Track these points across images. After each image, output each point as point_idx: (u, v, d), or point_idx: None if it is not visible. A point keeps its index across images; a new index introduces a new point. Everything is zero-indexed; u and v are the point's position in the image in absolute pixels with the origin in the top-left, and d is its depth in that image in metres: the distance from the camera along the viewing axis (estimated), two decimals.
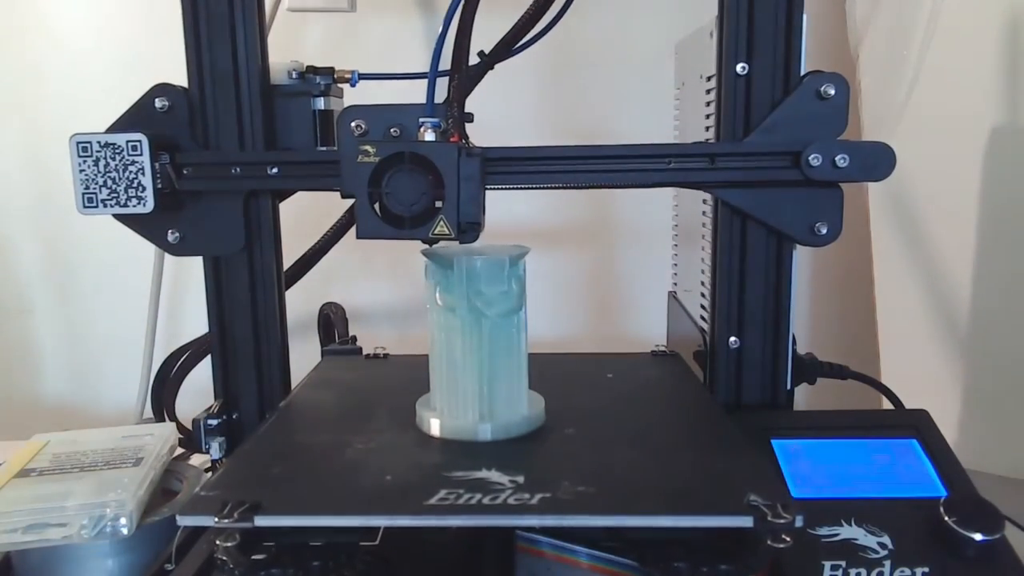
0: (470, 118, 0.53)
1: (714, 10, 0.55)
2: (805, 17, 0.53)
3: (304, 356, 0.66)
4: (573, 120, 0.97)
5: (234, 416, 0.59)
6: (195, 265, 0.59)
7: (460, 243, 0.50)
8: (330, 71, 0.58)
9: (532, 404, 0.51)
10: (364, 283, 1.00)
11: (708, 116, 0.59)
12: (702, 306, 0.62)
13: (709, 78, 0.58)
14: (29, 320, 1.01)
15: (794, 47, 0.53)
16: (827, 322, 0.97)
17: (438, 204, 0.49)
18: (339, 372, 0.64)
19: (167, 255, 0.92)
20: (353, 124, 0.52)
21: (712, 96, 0.57)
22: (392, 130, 0.53)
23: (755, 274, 0.56)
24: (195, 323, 0.74)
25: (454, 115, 0.51)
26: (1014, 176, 0.71)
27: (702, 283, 0.62)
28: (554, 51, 0.95)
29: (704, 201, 0.61)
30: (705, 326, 0.61)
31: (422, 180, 0.48)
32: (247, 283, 0.58)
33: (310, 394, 0.59)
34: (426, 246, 0.51)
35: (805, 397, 0.61)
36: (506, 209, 0.94)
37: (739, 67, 0.53)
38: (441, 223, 0.49)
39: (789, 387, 0.58)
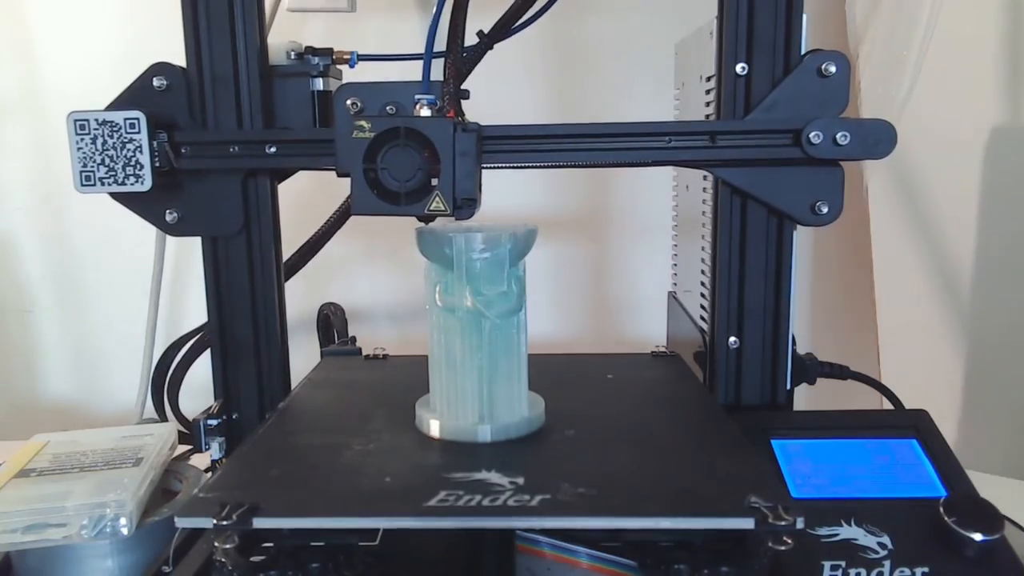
0: (466, 95, 0.53)
1: (714, 10, 0.55)
2: (805, 17, 0.53)
3: (304, 356, 0.66)
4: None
5: (234, 416, 0.59)
6: (196, 263, 0.58)
7: (456, 219, 0.49)
8: (328, 52, 0.58)
9: (532, 405, 0.51)
10: (364, 283, 1.00)
11: (708, 116, 0.59)
12: (702, 306, 0.62)
13: (709, 78, 0.58)
14: (29, 320, 1.01)
15: (794, 47, 0.53)
16: (827, 322, 0.97)
17: (434, 182, 0.48)
18: (339, 373, 0.64)
19: (167, 256, 0.92)
20: (349, 101, 0.52)
21: (712, 96, 0.57)
22: (388, 107, 0.53)
23: (755, 266, 0.56)
24: (196, 322, 0.74)
25: (450, 92, 0.50)
26: (1014, 176, 0.71)
27: (702, 283, 0.62)
28: (553, 52, 0.95)
29: (704, 201, 0.61)
30: (705, 326, 0.60)
31: (417, 156, 0.48)
32: (246, 265, 0.58)
33: (310, 395, 0.59)
34: (422, 225, 0.50)
35: (805, 397, 0.61)
36: (506, 210, 0.94)
37: (739, 67, 0.53)
38: (437, 199, 0.48)
39: (789, 387, 0.58)
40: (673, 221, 0.77)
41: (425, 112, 0.49)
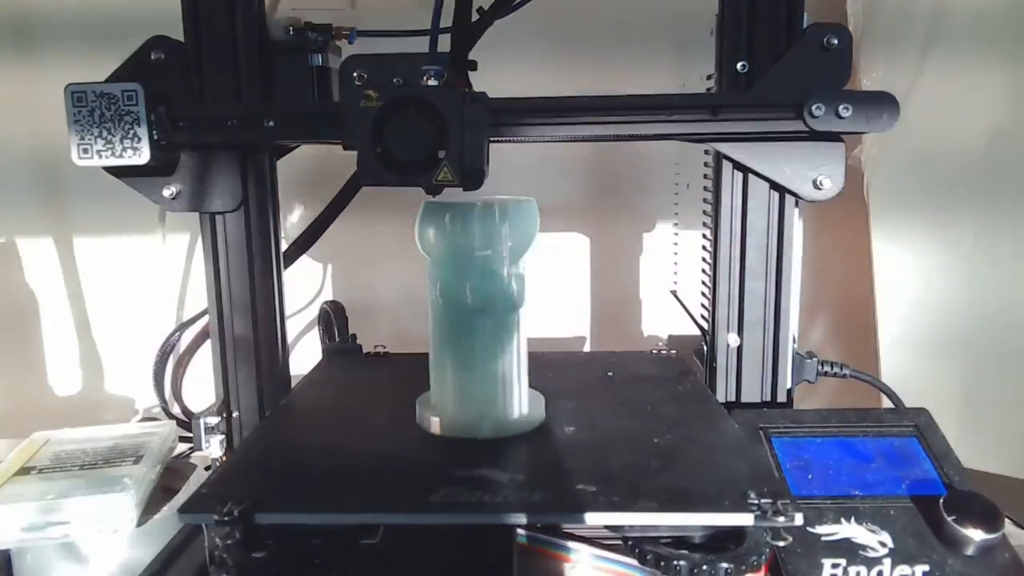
0: (473, 66, 0.53)
1: (714, 9, 0.55)
2: (805, 17, 0.53)
3: (304, 355, 0.66)
4: None
5: (234, 414, 0.59)
6: (198, 263, 0.58)
7: (464, 190, 0.49)
8: (327, 27, 0.58)
9: (532, 403, 0.51)
10: (365, 281, 1.00)
11: None
12: (703, 304, 0.62)
13: (709, 78, 0.58)
14: (31, 319, 1.01)
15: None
16: (827, 322, 0.97)
17: (441, 154, 0.48)
18: (339, 371, 0.64)
19: (168, 255, 0.92)
20: (355, 74, 0.52)
21: None
22: (395, 80, 0.52)
23: (756, 258, 0.56)
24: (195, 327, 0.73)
25: (458, 64, 0.50)
26: (1014, 176, 0.71)
27: (703, 282, 0.62)
28: (552, 52, 0.94)
29: (705, 200, 0.61)
30: (705, 324, 0.61)
31: (426, 126, 0.47)
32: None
33: (310, 393, 0.59)
34: (428, 199, 0.50)
35: (805, 397, 0.61)
36: None
37: (739, 66, 0.53)
38: (445, 170, 0.47)
39: (789, 386, 0.58)
40: (674, 220, 0.77)
41: (433, 83, 0.49)
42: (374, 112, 0.47)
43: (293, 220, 0.88)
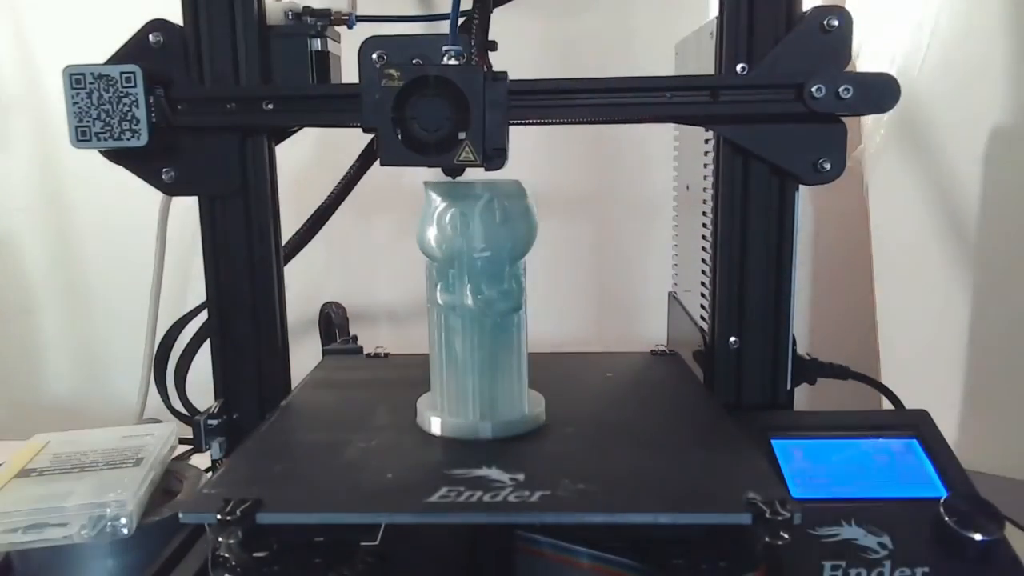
0: (494, 46, 0.53)
1: (714, 10, 0.55)
2: None
3: (305, 355, 0.66)
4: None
5: (234, 416, 0.59)
6: (198, 265, 0.58)
7: (485, 170, 0.49)
8: (327, 12, 0.58)
9: (532, 403, 0.51)
10: (364, 282, 1.00)
11: None
12: (702, 306, 0.62)
13: None
14: (31, 319, 1.01)
15: None
16: (827, 322, 0.97)
17: (461, 135, 0.48)
18: (340, 372, 0.64)
19: (169, 256, 0.92)
20: (375, 54, 0.51)
21: None
22: (414, 61, 0.52)
23: (757, 252, 0.56)
24: (198, 321, 0.73)
25: (478, 42, 0.50)
26: (1014, 176, 0.71)
27: (702, 283, 0.62)
28: (553, 52, 0.95)
29: (704, 201, 0.61)
30: (705, 325, 0.61)
31: (446, 105, 0.47)
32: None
33: (311, 394, 0.59)
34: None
35: (805, 397, 0.61)
36: None
37: (739, 67, 0.53)
38: (467, 149, 0.47)
39: (789, 387, 0.58)
40: (674, 222, 0.77)
41: (453, 63, 0.49)
42: (396, 91, 0.47)
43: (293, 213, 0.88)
